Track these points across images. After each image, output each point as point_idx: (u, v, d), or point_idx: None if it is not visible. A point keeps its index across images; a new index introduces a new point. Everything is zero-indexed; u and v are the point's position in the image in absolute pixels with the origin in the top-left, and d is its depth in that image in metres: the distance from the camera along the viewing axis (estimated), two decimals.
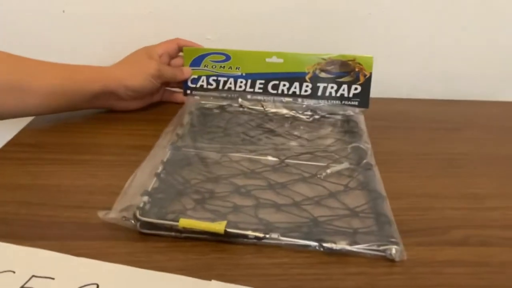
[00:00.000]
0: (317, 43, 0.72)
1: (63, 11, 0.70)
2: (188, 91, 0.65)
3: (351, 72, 0.64)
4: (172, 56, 0.64)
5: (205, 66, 0.65)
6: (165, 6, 0.70)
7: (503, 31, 0.73)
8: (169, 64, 0.64)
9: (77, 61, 0.59)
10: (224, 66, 0.65)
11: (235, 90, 0.64)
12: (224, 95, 0.64)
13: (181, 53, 0.65)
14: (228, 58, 0.65)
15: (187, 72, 0.64)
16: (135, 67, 0.60)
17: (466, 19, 0.72)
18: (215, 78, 0.65)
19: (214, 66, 0.65)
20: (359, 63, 0.63)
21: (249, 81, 0.64)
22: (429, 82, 0.76)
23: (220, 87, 0.65)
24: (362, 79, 0.63)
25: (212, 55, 0.65)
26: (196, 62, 0.65)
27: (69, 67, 0.57)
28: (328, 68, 0.64)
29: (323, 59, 0.64)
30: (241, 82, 0.64)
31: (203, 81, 0.65)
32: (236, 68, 0.65)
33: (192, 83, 0.65)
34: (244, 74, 0.64)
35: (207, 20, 0.71)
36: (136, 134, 0.56)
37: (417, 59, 0.74)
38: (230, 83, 0.65)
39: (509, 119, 0.67)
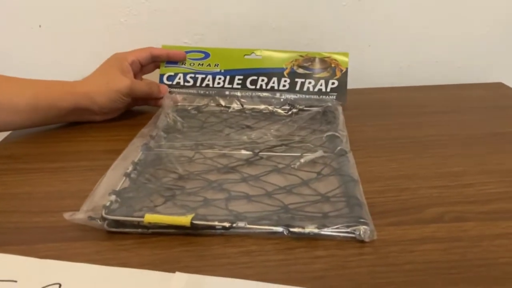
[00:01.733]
0: (295, 38, 0.72)
1: (40, 26, 0.70)
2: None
3: (328, 68, 0.64)
4: (143, 64, 0.63)
5: (182, 64, 0.65)
6: (138, 14, 0.70)
7: (485, 13, 0.73)
8: (140, 72, 0.63)
9: (55, 75, 0.59)
10: (202, 64, 0.65)
11: (213, 87, 0.64)
12: (202, 92, 0.64)
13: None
14: (207, 55, 0.65)
15: (164, 89, 0.62)
16: (105, 83, 0.58)
17: (446, 4, 0.72)
18: (192, 75, 0.65)
19: (192, 64, 0.65)
20: (335, 59, 0.64)
21: (228, 77, 0.64)
22: (412, 69, 0.75)
23: (198, 84, 0.64)
24: (338, 74, 0.63)
25: (191, 53, 0.65)
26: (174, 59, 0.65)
27: (42, 84, 0.57)
28: (305, 64, 0.64)
29: (301, 56, 0.64)
30: (220, 78, 0.64)
31: (179, 78, 0.64)
32: (215, 65, 0.64)
33: (168, 80, 0.64)
34: (222, 71, 0.64)
35: (182, 24, 0.71)
36: (112, 140, 0.56)
37: (398, 47, 0.74)
38: (208, 80, 0.64)
39: (492, 99, 0.67)
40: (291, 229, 0.35)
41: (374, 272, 0.32)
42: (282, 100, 0.62)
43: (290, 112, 0.60)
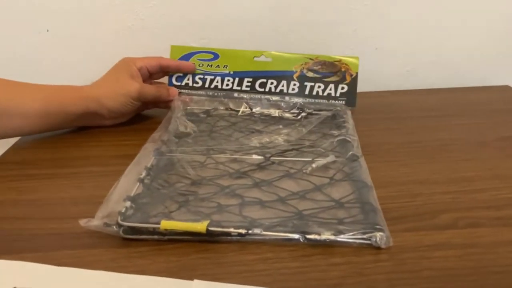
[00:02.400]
0: (304, 41, 0.72)
1: (47, 30, 0.71)
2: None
3: (338, 72, 0.64)
4: (152, 72, 0.62)
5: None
6: (145, 19, 0.70)
7: (491, 16, 0.73)
8: (149, 79, 0.62)
9: (64, 80, 0.59)
10: (211, 65, 0.65)
11: (221, 89, 0.64)
12: (210, 93, 0.64)
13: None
14: (216, 56, 0.65)
15: (173, 92, 0.62)
16: (115, 87, 0.58)
17: (453, 7, 0.72)
18: (201, 76, 0.65)
19: (201, 65, 0.65)
20: (345, 64, 0.64)
21: (237, 79, 0.64)
22: (419, 72, 0.75)
23: (207, 85, 0.64)
24: (348, 79, 0.64)
25: (200, 54, 0.65)
26: (183, 60, 0.65)
27: (52, 88, 0.57)
28: (315, 68, 0.64)
29: (311, 59, 0.64)
30: (228, 80, 0.64)
31: (188, 79, 0.64)
32: (224, 67, 0.64)
33: (177, 81, 0.64)
34: (231, 73, 0.64)
35: (189, 28, 0.71)
36: (122, 144, 0.56)
37: (405, 50, 0.74)
38: (217, 82, 0.64)
39: (499, 102, 0.67)
40: (308, 236, 0.35)
41: (391, 279, 0.32)
42: (291, 103, 0.62)
43: (299, 116, 0.60)
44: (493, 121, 0.59)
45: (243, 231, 0.36)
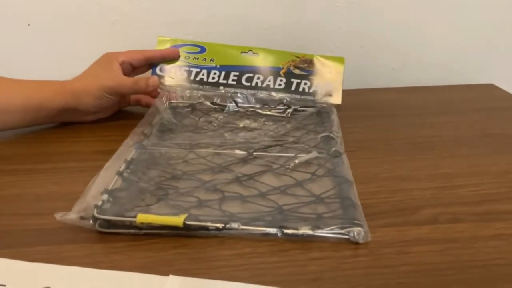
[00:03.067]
0: (290, 39, 0.72)
1: (28, 25, 0.69)
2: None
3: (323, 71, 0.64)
4: (135, 66, 0.61)
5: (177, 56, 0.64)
6: (129, 14, 0.70)
7: (476, 16, 0.73)
8: (132, 73, 0.61)
9: (45, 75, 0.58)
10: (198, 58, 0.64)
11: (207, 82, 0.63)
12: (195, 86, 0.63)
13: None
14: (203, 50, 0.64)
15: (153, 82, 0.58)
16: (91, 81, 0.57)
17: (438, 6, 0.72)
18: (186, 68, 0.64)
19: (187, 57, 0.64)
20: (331, 63, 0.64)
21: (223, 73, 0.64)
22: (404, 71, 0.75)
23: (192, 77, 0.63)
24: (334, 78, 0.63)
25: (186, 47, 0.64)
26: None
27: (32, 84, 0.56)
28: (302, 65, 0.64)
29: (297, 57, 0.64)
30: (215, 73, 0.63)
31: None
32: (211, 60, 0.64)
33: (161, 71, 0.63)
34: (218, 66, 0.64)
35: (175, 23, 0.71)
36: (104, 140, 0.55)
37: (390, 49, 0.74)
38: (203, 75, 0.63)
39: (483, 100, 0.67)
40: (285, 231, 0.35)
41: (369, 274, 0.32)
42: (277, 100, 0.62)
43: (285, 113, 0.60)
44: (475, 119, 0.60)
45: (220, 225, 0.35)
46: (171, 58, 0.63)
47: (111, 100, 0.58)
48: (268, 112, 0.60)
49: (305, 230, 0.35)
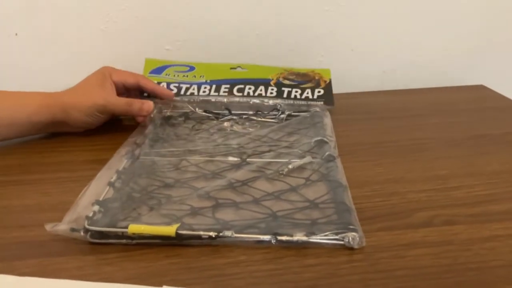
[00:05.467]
0: (280, 44, 0.71)
1: (16, 34, 0.69)
2: (145, 93, 0.61)
3: (312, 80, 0.65)
4: (128, 89, 0.60)
5: (166, 74, 0.64)
6: (118, 21, 0.69)
7: (465, 17, 0.73)
8: (125, 93, 0.59)
9: (33, 85, 0.57)
10: (187, 76, 0.64)
11: (198, 95, 0.63)
12: (187, 99, 0.62)
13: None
14: (192, 69, 0.64)
15: (148, 107, 0.57)
16: (82, 97, 0.55)
17: (428, 8, 0.72)
18: (176, 84, 0.63)
19: (176, 75, 0.64)
20: (318, 73, 0.65)
21: (214, 86, 0.63)
22: (395, 73, 0.75)
23: (182, 92, 0.63)
24: (323, 84, 0.64)
25: (175, 67, 0.64)
26: (158, 71, 0.64)
27: (18, 96, 0.55)
28: (291, 77, 0.65)
29: (285, 70, 0.65)
30: (205, 87, 0.63)
31: (162, 87, 0.63)
32: (200, 76, 0.64)
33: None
34: (208, 81, 0.64)
35: (164, 30, 0.70)
36: (95, 149, 0.54)
37: (381, 51, 0.74)
38: (193, 89, 0.63)
39: (474, 101, 0.67)
40: (279, 238, 0.35)
41: (365, 279, 0.32)
42: (270, 105, 0.62)
43: (278, 118, 0.60)
44: (467, 120, 0.60)
45: (213, 234, 0.35)
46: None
47: (100, 118, 0.56)
48: (262, 116, 0.60)
49: (299, 237, 0.34)
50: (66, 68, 0.68)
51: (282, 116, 0.60)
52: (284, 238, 0.34)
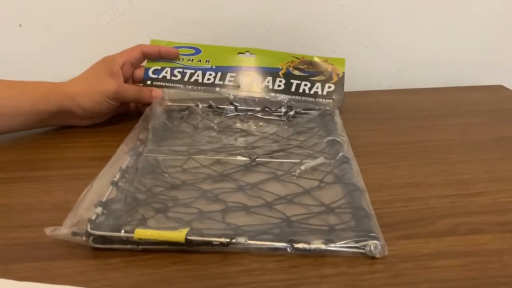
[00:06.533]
0: (292, 39, 0.69)
1: (20, 25, 0.67)
2: (148, 82, 0.59)
3: (324, 72, 0.62)
4: (135, 66, 0.59)
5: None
6: (125, 13, 0.67)
7: (484, 15, 0.71)
8: (132, 75, 0.59)
9: (38, 77, 0.55)
10: (192, 59, 0.61)
11: (202, 83, 0.60)
12: (190, 87, 0.60)
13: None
14: (198, 51, 0.62)
15: (157, 94, 0.58)
16: (91, 85, 0.54)
17: (445, 5, 0.70)
18: (180, 70, 0.61)
19: (181, 59, 0.61)
20: (332, 63, 0.62)
21: (219, 73, 0.61)
22: (410, 71, 0.73)
23: (186, 79, 0.60)
24: (335, 78, 0.61)
25: (180, 49, 0.62)
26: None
27: (24, 85, 0.53)
28: (301, 66, 0.62)
29: (296, 58, 0.62)
30: (210, 74, 0.61)
31: (166, 72, 0.60)
32: (206, 61, 0.61)
33: (154, 73, 0.60)
34: (214, 67, 0.61)
35: (172, 23, 0.68)
36: (99, 145, 0.52)
37: (396, 49, 0.72)
38: (198, 76, 0.60)
39: (493, 102, 0.65)
40: (295, 245, 0.32)
41: None
42: (277, 102, 0.59)
43: (286, 115, 0.58)
44: (487, 121, 0.57)
45: (225, 240, 0.33)
46: (168, 56, 0.60)
47: (112, 105, 0.55)
48: (269, 114, 0.58)
49: (317, 245, 0.32)
50: (71, 60, 0.66)
51: (290, 113, 0.58)
52: (300, 246, 0.32)
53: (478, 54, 0.72)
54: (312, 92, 0.61)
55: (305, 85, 0.61)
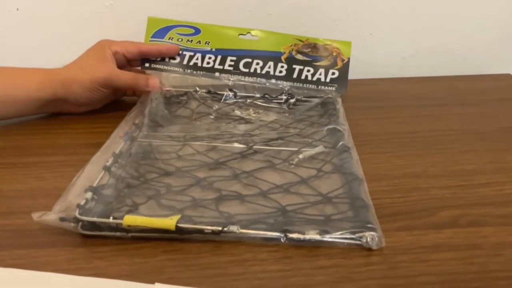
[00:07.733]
0: (296, 25, 0.67)
1: (17, 9, 0.65)
2: (147, 64, 0.57)
3: (328, 56, 0.60)
4: (129, 59, 0.56)
5: (169, 38, 0.59)
6: None
7: (491, 3, 0.69)
8: (127, 65, 0.57)
9: (35, 62, 0.54)
10: (191, 40, 0.59)
11: (201, 67, 0.59)
12: (189, 71, 0.58)
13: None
14: (197, 31, 0.60)
15: (154, 83, 0.55)
16: (81, 71, 0.53)
17: None
18: (179, 52, 0.59)
19: (180, 39, 0.59)
20: (337, 48, 0.60)
21: (219, 57, 0.59)
22: (415, 60, 0.71)
23: (185, 62, 0.59)
24: (339, 64, 0.59)
25: (179, 28, 0.60)
26: (160, 34, 0.59)
27: (18, 72, 0.52)
28: (305, 50, 0.60)
29: (300, 40, 0.60)
30: (210, 58, 0.59)
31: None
32: (206, 43, 0.59)
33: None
34: (213, 50, 0.59)
35: (171, 8, 0.66)
36: (94, 132, 0.51)
37: (401, 36, 0.70)
38: (197, 59, 0.59)
39: (500, 91, 0.63)
40: (289, 235, 0.31)
41: (384, 285, 0.29)
42: (278, 89, 0.58)
43: (287, 103, 0.56)
44: (493, 111, 0.56)
45: (217, 228, 0.32)
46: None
47: (104, 93, 0.53)
48: (269, 101, 0.56)
49: (312, 235, 0.31)
50: (69, 44, 0.65)
51: (291, 101, 0.56)
52: (295, 236, 0.31)
53: (485, 42, 0.70)
54: (315, 78, 0.59)
55: (308, 71, 0.59)
